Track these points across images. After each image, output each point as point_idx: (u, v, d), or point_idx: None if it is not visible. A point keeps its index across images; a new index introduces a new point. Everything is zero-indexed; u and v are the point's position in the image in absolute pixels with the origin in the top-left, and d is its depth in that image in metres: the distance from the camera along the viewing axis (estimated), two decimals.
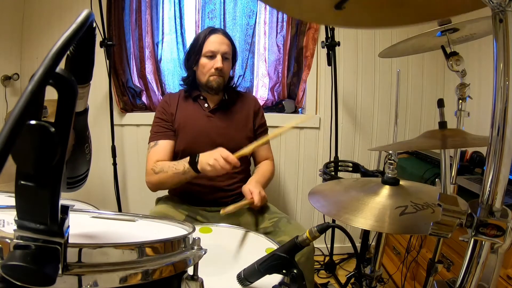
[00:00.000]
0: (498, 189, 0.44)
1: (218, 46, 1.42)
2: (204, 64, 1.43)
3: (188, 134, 1.44)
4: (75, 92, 0.33)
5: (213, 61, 1.42)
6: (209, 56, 1.43)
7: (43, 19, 1.86)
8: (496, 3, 0.43)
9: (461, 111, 0.94)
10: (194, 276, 0.55)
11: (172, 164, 1.32)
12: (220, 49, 1.42)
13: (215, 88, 1.45)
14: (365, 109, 2.16)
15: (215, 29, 1.48)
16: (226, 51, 1.44)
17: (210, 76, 1.43)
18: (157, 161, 1.37)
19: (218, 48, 1.42)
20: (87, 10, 0.35)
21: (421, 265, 1.52)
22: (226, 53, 1.44)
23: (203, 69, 1.44)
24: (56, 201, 0.33)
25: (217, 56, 1.42)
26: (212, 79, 1.43)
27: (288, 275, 0.73)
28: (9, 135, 0.25)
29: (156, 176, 1.33)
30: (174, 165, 1.31)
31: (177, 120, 1.46)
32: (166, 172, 1.31)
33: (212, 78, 1.43)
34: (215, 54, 1.42)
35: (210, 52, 1.42)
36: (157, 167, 1.33)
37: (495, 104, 0.44)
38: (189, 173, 1.27)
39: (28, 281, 0.33)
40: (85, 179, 0.57)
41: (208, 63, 1.43)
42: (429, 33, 0.95)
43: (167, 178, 1.31)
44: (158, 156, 1.39)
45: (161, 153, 1.40)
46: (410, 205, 0.69)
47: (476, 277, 0.47)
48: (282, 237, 1.25)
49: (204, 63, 1.43)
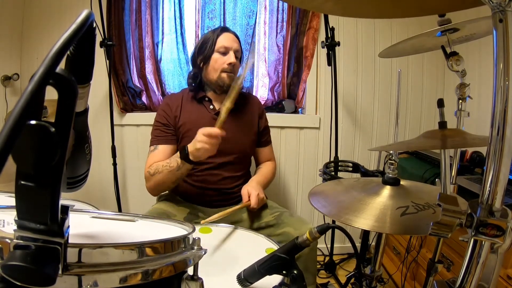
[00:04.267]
0: (498, 189, 0.45)
1: (231, 43, 1.42)
2: (216, 59, 1.42)
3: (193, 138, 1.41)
4: (75, 92, 0.33)
5: (226, 57, 1.41)
6: (222, 52, 1.42)
7: (43, 19, 1.86)
8: (496, 3, 0.43)
9: (461, 111, 0.94)
10: (194, 276, 0.54)
11: (165, 163, 1.29)
12: (233, 46, 1.42)
13: (226, 85, 1.41)
14: (365, 109, 2.16)
15: (227, 28, 1.49)
16: (238, 50, 1.45)
17: (222, 72, 1.41)
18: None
19: (231, 44, 1.42)
20: (87, 10, 0.35)
21: (421, 265, 1.52)
22: (237, 52, 1.44)
23: (215, 64, 1.42)
24: (56, 201, 0.33)
25: (230, 52, 1.41)
26: (225, 76, 1.41)
27: (288, 275, 0.73)
28: (9, 135, 0.25)
29: (153, 178, 1.31)
30: (168, 163, 1.28)
31: (181, 122, 1.43)
32: (161, 172, 1.28)
33: (224, 75, 1.41)
34: (228, 50, 1.42)
35: (224, 47, 1.41)
36: (152, 169, 1.32)
37: (495, 104, 0.44)
38: (184, 167, 1.24)
39: (28, 281, 0.33)
40: (85, 179, 0.56)
41: (220, 58, 1.41)
42: (429, 33, 0.95)
43: (164, 177, 1.28)
44: (156, 161, 1.36)
45: (160, 158, 1.37)
46: (411, 206, 0.69)
47: (476, 277, 0.47)
48: (285, 228, 1.25)
49: (217, 58, 1.42)
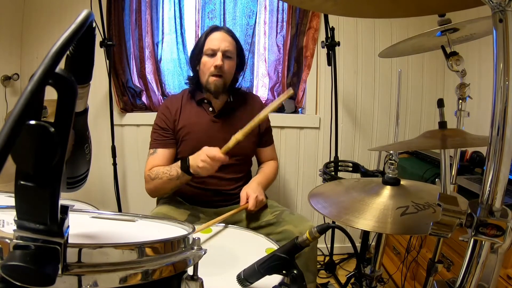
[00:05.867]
0: (498, 189, 0.44)
1: (218, 43, 1.36)
2: (204, 63, 1.37)
3: (192, 141, 1.39)
4: (75, 92, 0.33)
5: (213, 59, 1.36)
6: (210, 54, 1.36)
7: (43, 19, 1.86)
8: (496, 3, 0.43)
9: (461, 111, 0.94)
10: (194, 276, 0.54)
11: (166, 170, 1.29)
12: (221, 46, 1.35)
13: (213, 91, 1.38)
14: (365, 109, 2.16)
15: (218, 27, 1.43)
16: (228, 49, 1.37)
17: (210, 75, 1.36)
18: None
19: (218, 45, 1.35)
20: (87, 10, 0.35)
21: (421, 265, 1.52)
22: (227, 51, 1.37)
23: (204, 67, 1.38)
24: (56, 201, 0.33)
25: (217, 54, 1.35)
26: (211, 81, 1.36)
27: (288, 275, 0.73)
28: (9, 135, 0.25)
29: (153, 183, 1.31)
30: (168, 171, 1.28)
31: (180, 125, 1.41)
32: (161, 178, 1.29)
33: (211, 80, 1.36)
34: (215, 52, 1.35)
35: (210, 50, 1.36)
36: (152, 173, 1.32)
37: (495, 104, 0.44)
38: (183, 178, 1.26)
39: (28, 281, 0.33)
40: (85, 179, 0.56)
41: (208, 61, 1.36)
42: (429, 33, 0.95)
43: (163, 184, 1.29)
44: (155, 164, 1.36)
45: (159, 161, 1.37)
46: (411, 205, 0.69)
47: (476, 277, 0.47)
48: (286, 226, 1.25)
49: (205, 62, 1.37)
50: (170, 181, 1.27)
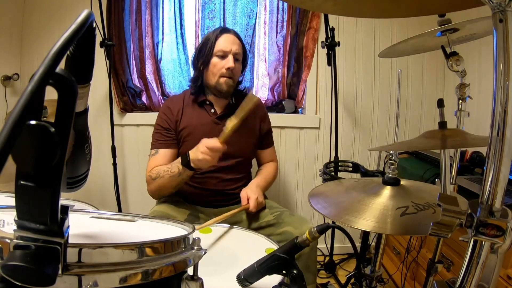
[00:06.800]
0: (498, 189, 0.44)
1: (229, 46, 1.38)
2: (215, 64, 1.38)
3: (194, 142, 1.36)
4: (75, 92, 0.33)
5: (224, 61, 1.38)
6: (220, 56, 1.38)
7: (43, 19, 1.86)
8: (496, 3, 0.43)
9: (461, 111, 0.94)
10: (194, 276, 0.54)
11: (166, 168, 1.29)
12: (232, 48, 1.38)
13: (224, 91, 1.40)
14: (365, 109, 2.16)
15: (227, 28, 1.45)
16: (237, 52, 1.40)
17: (220, 77, 1.38)
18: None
19: (229, 47, 1.38)
20: (87, 10, 0.35)
21: (421, 265, 1.52)
22: (237, 54, 1.40)
23: (214, 68, 1.39)
24: (56, 201, 0.33)
25: (229, 56, 1.38)
26: (223, 81, 1.38)
27: (288, 275, 0.73)
28: (9, 135, 0.25)
29: (155, 183, 1.31)
30: (169, 169, 1.28)
31: (182, 126, 1.41)
32: (162, 177, 1.29)
33: (222, 80, 1.38)
34: (226, 54, 1.38)
35: (222, 51, 1.37)
36: (153, 173, 1.32)
37: (495, 104, 0.44)
38: (185, 173, 1.25)
39: (28, 281, 0.33)
40: (85, 179, 0.56)
41: (219, 62, 1.38)
42: (429, 33, 0.95)
43: (165, 182, 1.29)
44: (157, 165, 1.36)
45: (161, 161, 1.37)
46: (411, 206, 0.69)
47: (476, 277, 0.47)
48: (286, 227, 1.25)
49: (215, 63, 1.38)
50: (172, 179, 1.27)
